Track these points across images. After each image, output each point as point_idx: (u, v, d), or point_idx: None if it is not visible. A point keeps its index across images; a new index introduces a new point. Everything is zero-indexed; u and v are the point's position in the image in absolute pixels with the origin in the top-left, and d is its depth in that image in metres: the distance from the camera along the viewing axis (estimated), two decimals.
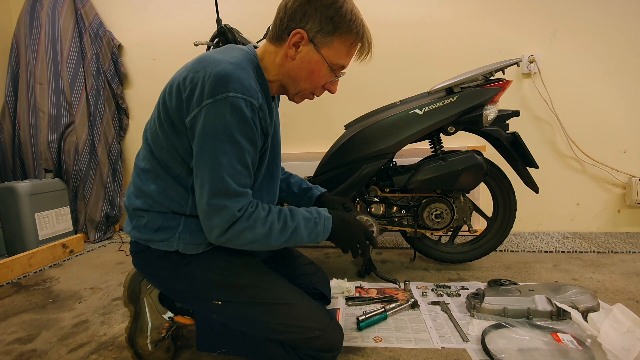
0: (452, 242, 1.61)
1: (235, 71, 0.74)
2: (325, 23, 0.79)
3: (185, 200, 0.84)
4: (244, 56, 0.81)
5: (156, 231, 0.84)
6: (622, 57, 1.96)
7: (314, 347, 0.86)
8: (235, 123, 0.73)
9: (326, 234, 0.87)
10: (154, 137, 0.83)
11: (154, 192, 0.84)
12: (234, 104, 0.72)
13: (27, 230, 2.01)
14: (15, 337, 1.18)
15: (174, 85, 0.78)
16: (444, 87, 1.37)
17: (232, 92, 0.72)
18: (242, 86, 0.73)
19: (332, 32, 0.80)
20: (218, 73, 0.72)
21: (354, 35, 0.82)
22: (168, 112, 0.79)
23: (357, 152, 1.41)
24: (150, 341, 0.96)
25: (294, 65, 0.84)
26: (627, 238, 1.95)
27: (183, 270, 0.86)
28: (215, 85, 0.72)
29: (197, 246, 0.85)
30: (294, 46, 0.81)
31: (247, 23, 1.96)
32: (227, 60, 0.76)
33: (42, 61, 2.33)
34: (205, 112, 0.72)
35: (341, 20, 0.79)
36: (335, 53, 0.83)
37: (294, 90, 0.89)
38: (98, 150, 2.34)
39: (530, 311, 1.08)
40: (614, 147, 2.02)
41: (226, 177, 0.74)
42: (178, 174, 0.82)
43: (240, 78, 0.74)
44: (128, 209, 0.89)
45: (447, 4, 2.07)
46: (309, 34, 0.80)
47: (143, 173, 0.86)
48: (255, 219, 0.77)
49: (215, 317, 0.90)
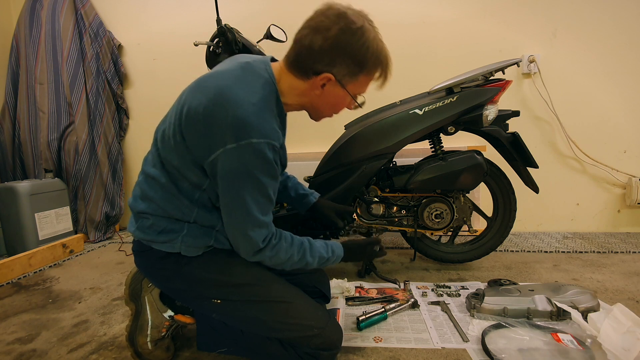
0: (452, 242, 1.61)
1: (258, 117, 0.73)
2: (353, 66, 0.79)
3: (191, 211, 0.84)
4: (264, 89, 0.79)
5: (160, 233, 0.84)
6: (622, 57, 1.96)
7: (312, 345, 0.87)
8: (258, 166, 0.75)
9: (333, 264, 0.97)
10: (166, 147, 0.82)
11: (159, 199, 0.83)
12: (257, 149, 0.73)
13: (27, 230, 2.01)
14: (15, 337, 1.18)
15: (190, 110, 0.76)
16: (444, 87, 1.37)
17: (255, 138, 0.72)
18: (264, 131, 0.74)
19: (359, 72, 0.81)
20: (241, 118, 0.71)
21: (379, 70, 0.83)
22: (183, 134, 0.78)
23: (357, 152, 1.41)
24: (150, 340, 0.97)
25: (317, 99, 0.85)
26: (627, 238, 1.95)
27: (183, 269, 0.86)
28: (238, 130, 0.71)
29: (198, 249, 0.86)
30: (321, 86, 0.82)
31: (247, 23, 1.96)
32: (248, 101, 0.74)
33: (42, 61, 2.33)
34: (229, 154, 0.73)
35: (368, 60, 0.79)
36: (359, 86, 0.84)
37: (315, 116, 0.93)
38: (98, 150, 2.34)
39: (530, 311, 1.08)
40: (614, 147, 2.02)
41: (251, 211, 0.77)
42: (184, 188, 0.82)
43: (262, 123, 0.74)
44: (132, 210, 0.89)
45: (447, 4, 2.07)
46: (337, 76, 0.79)
47: (150, 179, 0.85)
48: (278, 250, 0.83)
49: (215, 316, 0.90)
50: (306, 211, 1.20)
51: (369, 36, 0.76)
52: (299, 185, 1.21)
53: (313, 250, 0.90)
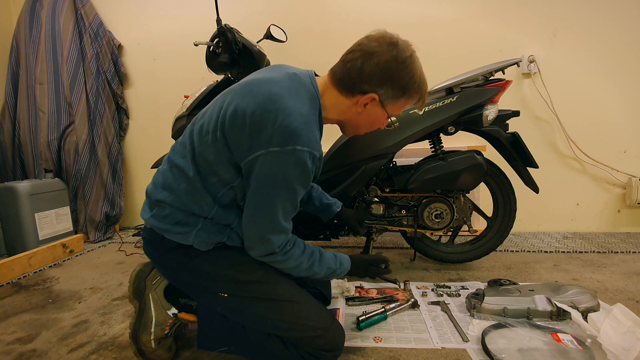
0: (452, 242, 1.61)
1: (305, 127, 0.77)
2: (398, 90, 0.84)
3: (210, 208, 0.85)
4: (311, 102, 0.84)
5: (175, 224, 0.85)
6: (622, 57, 1.96)
7: (315, 346, 0.87)
8: (296, 174, 0.77)
9: (339, 276, 1.00)
10: (203, 141, 0.83)
11: (182, 191, 0.84)
12: (300, 157, 0.75)
13: (27, 230, 2.01)
14: (15, 337, 1.18)
15: (238, 110, 0.77)
16: (444, 87, 1.37)
17: (299, 145, 0.75)
18: (309, 141, 0.77)
19: (401, 96, 0.86)
20: (289, 126, 0.74)
21: (417, 97, 0.89)
22: (224, 133, 0.79)
23: (357, 152, 1.41)
24: (154, 338, 0.97)
25: (357, 116, 0.90)
26: (627, 238, 1.95)
27: (192, 262, 0.87)
28: (285, 137, 0.74)
29: (210, 244, 0.87)
30: (363, 105, 0.86)
31: (247, 23, 1.96)
32: (298, 112, 0.77)
33: (42, 61, 2.33)
34: (271, 157, 0.75)
35: (411, 87, 0.85)
36: (398, 108, 0.90)
37: (352, 132, 0.97)
38: (98, 150, 2.33)
39: (530, 311, 1.08)
40: (614, 147, 2.02)
41: (277, 217, 0.80)
42: (212, 183, 0.84)
43: (308, 134, 0.77)
44: (150, 197, 0.89)
45: (447, 4, 2.07)
46: (381, 98, 0.85)
47: (177, 169, 0.86)
48: (289, 257, 0.86)
49: (219, 309, 0.91)
50: (330, 218, 1.23)
51: (415, 66, 0.84)
52: (323, 194, 1.24)
53: (322, 261, 0.92)
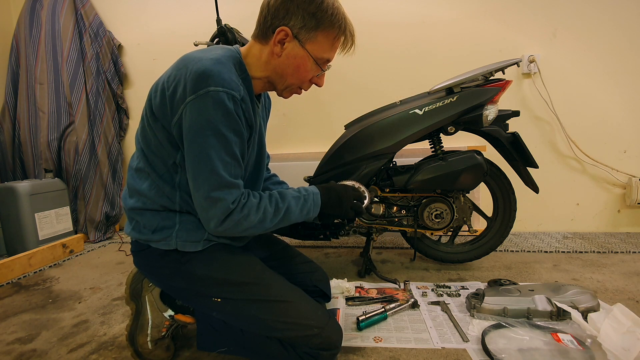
0: (452, 242, 1.61)
1: (214, 66, 0.75)
2: (308, 19, 0.81)
3: (173, 196, 0.86)
4: (226, 53, 0.83)
5: (154, 232, 0.87)
6: (622, 57, 1.96)
7: (312, 345, 0.87)
8: (219, 116, 0.75)
9: (317, 207, 0.92)
10: (143, 135, 0.87)
11: (145, 190, 0.86)
12: (216, 97, 0.74)
13: (27, 230, 2.01)
14: (15, 337, 1.18)
15: (159, 84, 0.81)
16: (444, 87, 1.37)
17: (212, 86, 0.74)
18: (222, 80, 0.75)
19: (315, 28, 0.82)
20: (198, 69, 0.74)
21: (337, 29, 0.85)
22: (152, 110, 0.81)
23: (357, 152, 1.41)
24: (151, 339, 0.97)
25: (280, 61, 0.86)
26: (627, 238, 1.95)
27: (183, 268, 0.87)
28: (196, 81, 0.74)
29: (195, 243, 0.86)
30: (279, 43, 0.83)
31: (247, 23, 1.96)
32: (207, 57, 0.77)
33: (42, 61, 2.33)
34: (190, 108, 0.74)
35: (323, 15, 0.82)
36: (319, 47, 0.85)
37: (282, 86, 0.91)
38: (98, 150, 2.33)
39: (530, 311, 1.08)
40: (614, 147, 2.02)
41: (217, 170, 0.76)
42: (162, 173, 0.85)
43: (220, 72, 0.75)
44: (125, 210, 0.92)
45: (447, 4, 2.07)
46: (293, 30, 0.82)
47: (136, 172, 0.89)
48: (249, 209, 0.81)
49: (215, 314, 0.91)
50: None
51: None
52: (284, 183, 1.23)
53: (284, 196, 0.88)
